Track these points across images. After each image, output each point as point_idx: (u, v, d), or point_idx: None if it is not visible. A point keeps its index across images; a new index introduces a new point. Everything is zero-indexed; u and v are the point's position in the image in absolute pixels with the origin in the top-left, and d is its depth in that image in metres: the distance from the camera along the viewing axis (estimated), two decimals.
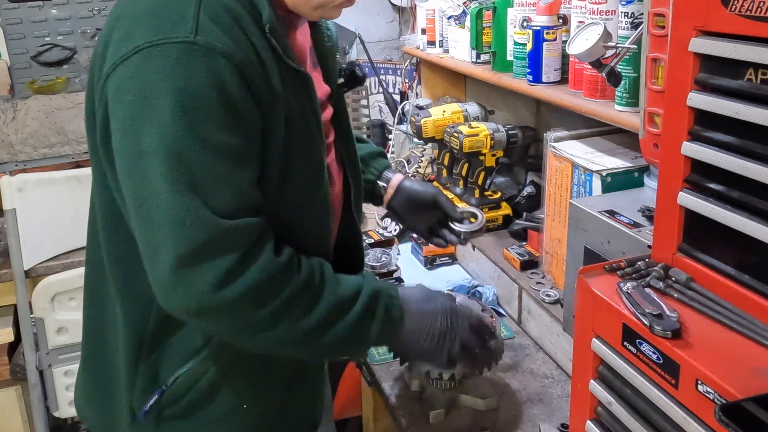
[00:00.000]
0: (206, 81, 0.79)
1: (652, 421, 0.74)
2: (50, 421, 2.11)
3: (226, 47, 0.81)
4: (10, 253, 1.94)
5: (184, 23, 0.80)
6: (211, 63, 0.79)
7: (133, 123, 0.80)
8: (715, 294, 0.75)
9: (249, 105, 0.83)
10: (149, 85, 0.79)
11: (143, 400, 0.95)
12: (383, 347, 1.07)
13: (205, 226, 0.79)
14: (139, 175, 0.80)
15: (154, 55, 0.79)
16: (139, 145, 0.80)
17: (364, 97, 2.63)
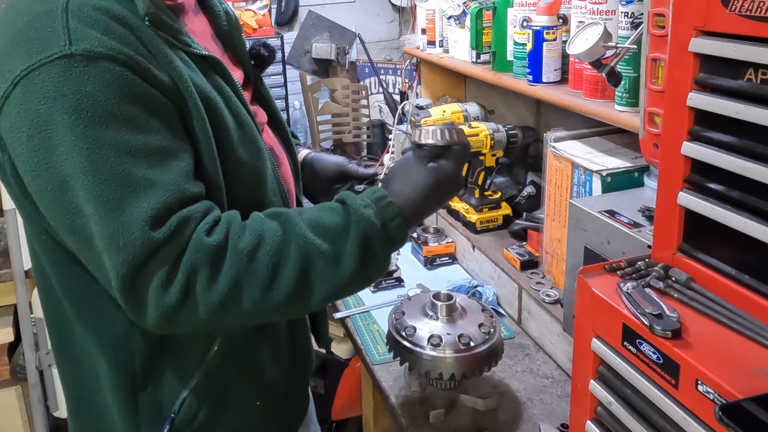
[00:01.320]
0: (98, 88, 0.74)
1: (652, 421, 0.74)
2: (50, 421, 2.11)
3: (107, 48, 0.75)
4: (10, 253, 1.94)
5: (54, 38, 0.74)
6: (97, 69, 0.74)
7: (40, 158, 0.75)
8: (715, 294, 0.75)
9: (154, 98, 0.79)
10: (41, 114, 0.74)
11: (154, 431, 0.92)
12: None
13: (139, 243, 0.75)
14: (66, 207, 0.76)
15: (35, 81, 0.74)
16: (53, 177, 0.75)
17: (364, 97, 2.63)
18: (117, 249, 0.75)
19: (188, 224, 0.78)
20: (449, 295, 1.25)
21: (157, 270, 0.77)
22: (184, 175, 0.80)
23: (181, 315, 0.78)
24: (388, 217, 0.87)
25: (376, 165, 2.47)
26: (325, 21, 2.65)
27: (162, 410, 0.92)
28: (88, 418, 0.99)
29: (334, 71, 2.71)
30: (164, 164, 0.78)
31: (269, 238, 0.81)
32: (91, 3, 0.77)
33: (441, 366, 1.18)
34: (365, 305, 1.65)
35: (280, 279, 0.81)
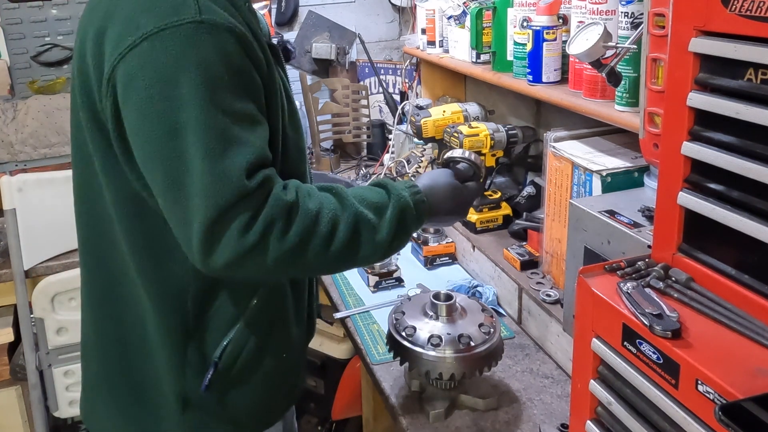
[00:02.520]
0: (217, 55, 0.86)
1: (652, 421, 0.74)
2: (50, 421, 2.11)
3: (228, 22, 0.87)
4: (10, 253, 1.94)
5: (186, 6, 0.85)
6: (217, 38, 0.86)
7: (155, 105, 0.84)
8: (715, 294, 0.75)
9: (252, 73, 0.91)
10: (165, 67, 0.84)
11: (198, 379, 1.02)
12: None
13: (235, 187, 0.85)
14: (171, 153, 0.85)
15: (165, 38, 0.84)
16: (165, 124, 0.85)
17: (364, 97, 2.63)
18: (214, 192, 0.84)
19: (270, 181, 0.90)
20: (449, 295, 1.25)
21: (240, 215, 0.86)
22: (265, 141, 0.92)
23: (250, 259, 0.87)
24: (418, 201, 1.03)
25: (376, 165, 2.47)
26: (325, 21, 2.65)
27: (206, 357, 1.02)
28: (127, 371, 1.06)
29: (334, 71, 2.71)
30: (253, 129, 0.90)
31: (328, 204, 0.94)
32: None
33: (441, 366, 1.18)
34: (365, 305, 1.65)
35: (336, 238, 0.93)
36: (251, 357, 1.05)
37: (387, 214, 0.98)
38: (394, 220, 0.98)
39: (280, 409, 1.16)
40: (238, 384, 1.05)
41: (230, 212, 0.85)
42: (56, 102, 2.15)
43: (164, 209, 0.90)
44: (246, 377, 1.05)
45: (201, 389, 1.02)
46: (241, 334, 1.03)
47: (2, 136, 2.11)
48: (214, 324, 1.02)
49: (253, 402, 1.08)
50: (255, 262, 0.88)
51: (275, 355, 1.08)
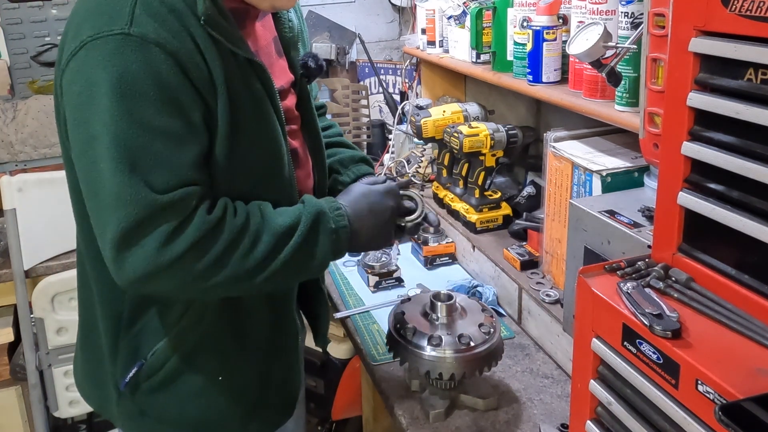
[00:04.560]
0: (141, 68, 0.86)
1: (652, 421, 0.74)
2: (50, 421, 2.11)
3: (159, 37, 0.87)
4: (10, 253, 1.94)
5: (120, 17, 0.86)
6: (145, 52, 0.86)
7: (81, 112, 0.87)
8: (715, 294, 0.75)
9: (186, 89, 0.89)
10: (91, 76, 0.86)
11: (124, 373, 1.06)
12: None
13: (143, 202, 0.86)
14: (88, 160, 0.88)
15: (95, 48, 0.86)
16: (86, 132, 0.87)
17: (364, 97, 2.63)
18: (123, 204, 0.86)
19: (191, 197, 0.90)
20: (449, 295, 1.25)
21: (156, 229, 0.87)
22: (191, 162, 0.91)
23: (166, 276, 0.89)
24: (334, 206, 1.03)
25: (376, 165, 2.48)
26: (325, 21, 2.65)
27: (137, 355, 1.05)
28: (90, 352, 1.14)
29: (334, 71, 2.71)
30: (177, 145, 0.89)
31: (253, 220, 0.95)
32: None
33: (441, 366, 1.18)
34: (365, 305, 1.65)
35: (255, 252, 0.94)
36: (180, 365, 1.05)
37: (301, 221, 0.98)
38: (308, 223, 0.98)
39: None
40: (162, 392, 1.06)
41: (143, 226, 0.87)
42: None
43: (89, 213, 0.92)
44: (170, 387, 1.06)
45: (121, 386, 1.06)
46: (170, 343, 1.04)
47: (2, 136, 2.11)
48: (149, 326, 1.04)
49: (182, 415, 1.08)
50: (170, 278, 0.90)
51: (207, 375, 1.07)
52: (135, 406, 1.08)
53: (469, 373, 1.19)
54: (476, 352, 1.18)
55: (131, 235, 0.87)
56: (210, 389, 1.08)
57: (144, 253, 0.87)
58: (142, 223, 0.86)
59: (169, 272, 0.89)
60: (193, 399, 1.07)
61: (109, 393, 1.09)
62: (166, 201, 0.87)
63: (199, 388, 1.07)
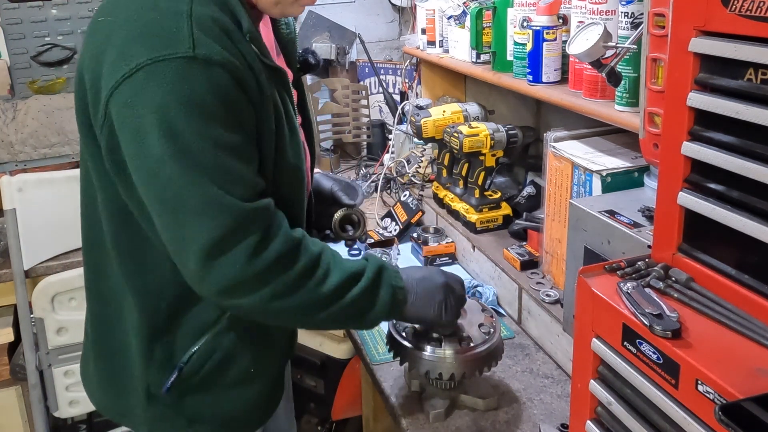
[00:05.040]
0: (208, 89, 0.88)
1: (652, 421, 0.74)
2: (50, 421, 2.11)
3: (221, 57, 0.89)
4: (10, 253, 1.94)
5: (180, 40, 0.87)
6: (210, 73, 0.88)
7: (148, 134, 0.87)
8: (715, 294, 0.75)
9: (244, 105, 0.93)
10: (158, 99, 0.86)
11: (162, 379, 1.05)
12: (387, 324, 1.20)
13: (230, 211, 0.89)
14: (162, 180, 0.89)
15: (157, 71, 0.86)
16: (156, 153, 0.87)
17: (364, 97, 2.63)
18: (211, 215, 0.89)
19: (269, 207, 0.95)
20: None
21: (245, 239, 0.91)
22: (255, 172, 0.95)
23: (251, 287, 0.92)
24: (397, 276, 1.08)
25: (376, 165, 2.48)
26: (325, 21, 2.65)
27: (173, 360, 1.06)
28: (109, 360, 1.12)
29: (334, 71, 2.71)
30: (244, 160, 0.93)
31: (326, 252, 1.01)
32: (209, 14, 0.91)
33: (441, 366, 1.18)
34: None
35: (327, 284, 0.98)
36: (218, 365, 1.07)
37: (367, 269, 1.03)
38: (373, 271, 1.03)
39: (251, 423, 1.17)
40: (200, 391, 1.08)
41: (233, 235, 0.90)
42: (56, 102, 2.15)
43: (160, 231, 0.93)
44: (209, 386, 1.08)
45: (163, 391, 1.06)
46: (208, 345, 1.06)
47: (2, 136, 2.11)
48: (184, 330, 1.05)
49: (215, 411, 1.10)
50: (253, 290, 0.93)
51: (242, 369, 1.10)
52: (168, 409, 1.08)
53: (469, 373, 1.19)
54: (476, 352, 1.18)
55: (221, 245, 0.89)
56: (243, 382, 1.11)
57: (234, 262, 0.90)
58: (232, 232, 0.89)
59: (254, 283, 0.92)
60: (227, 393, 1.10)
61: (134, 399, 1.09)
62: (251, 209, 0.91)
63: (234, 382, 1.10)
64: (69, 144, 2.17)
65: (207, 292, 0.93)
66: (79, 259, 1.99)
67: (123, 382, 1.10)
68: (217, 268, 0.90)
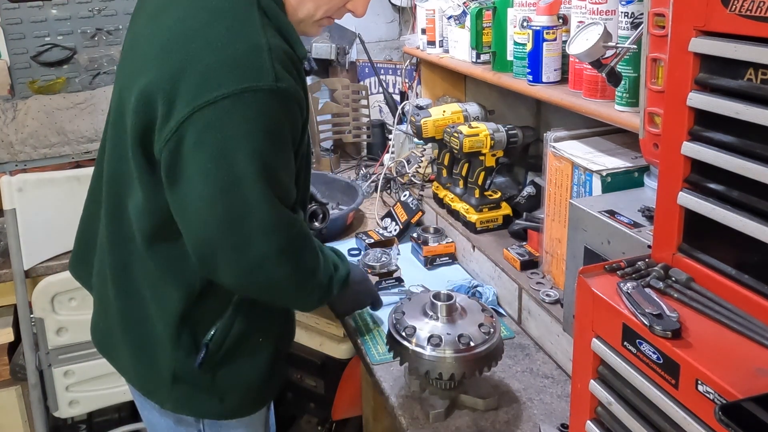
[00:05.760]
0: (286, 119, 1.02)
1: (652, 421, 0.74)
2: (50, 421, 2.11)
3: (295, 91, 1.02)
4: (10, 253, 1.94)
5: (266, 73, 0.97)
6: (287, 105, 1.01)
7: (228, 153, 0.98)
8: (715, 294, 0.75)
9: (300, 131, 1.08)
10: (244, 124, 0.97)
11: (190, 359, 1.15)
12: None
13: (290, 224, 1.07)
14: (234, 195, 1.00)
15: (244, 100, 0.96)
16: (233, 172, 0.99)
17: (364, 97, 2.63)
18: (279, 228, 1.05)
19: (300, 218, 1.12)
20: (449, 295, 1.25)
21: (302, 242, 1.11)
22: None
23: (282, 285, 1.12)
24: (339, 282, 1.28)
25: (376, 165, 2.48)
26: None
27: (197, 340, 1.16)
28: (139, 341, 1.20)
29: (334, 71, 2.71)
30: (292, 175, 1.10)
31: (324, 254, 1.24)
32: (281, 47, 1.02)
33: (441, 366, 1.18)
34: None
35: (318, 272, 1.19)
36: (236, 341, 1.18)
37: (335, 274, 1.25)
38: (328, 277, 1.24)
39: (265, 396, 1.29)
40: (225, 363, 1.18)
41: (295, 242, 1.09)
42: (56, 102, 2.15)
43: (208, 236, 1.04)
44: (231, 358, 1.19)
45: (195, 365, 1.15)
46: (226, 322, 1.17)
47: (2, 136, 2.11)
48: (205, 312, 1.15)
49: (238, 382, 1.21)
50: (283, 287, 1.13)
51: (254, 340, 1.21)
52: (192, 387, 1.18)
53: (469, 373, 1.19)
54: (476, 352, 1.18)
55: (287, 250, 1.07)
56: (255, 353, 1.21)
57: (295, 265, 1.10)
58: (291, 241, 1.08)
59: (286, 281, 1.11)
60: (245, 365, 1.20)
61: (161, 378, 1.18)
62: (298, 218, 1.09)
63: (248, 353, 1.21)
64: (69, 144, 2.17)
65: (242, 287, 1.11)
66: None
67: (150, 362, 1.19)
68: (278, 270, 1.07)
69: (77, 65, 2.23)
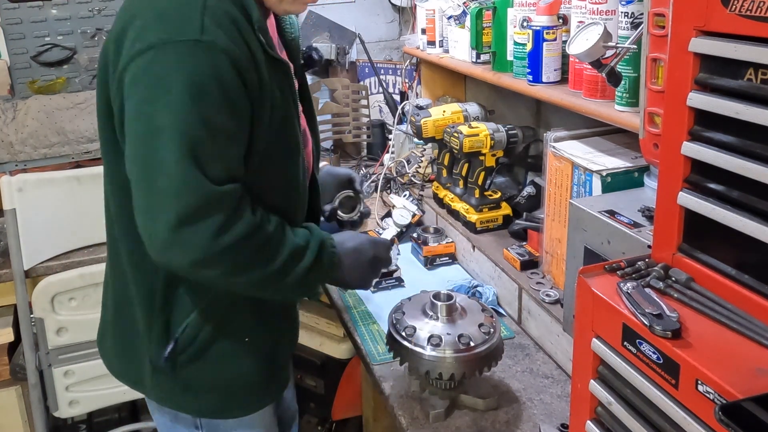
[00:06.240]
0: (209, 72, 0.95)
1: (652, 421, 0.74)
2: (50, 421, 2.11)
3: (225, 45, 0.96)
4: (10, 253, 1.94)
5: (192, 25, 0.95)
6: (213, 57, 0.95)
7: (148, 106, 0.95)
8: (715, 294, 0.75)
9: (241, 93, 0.99)
10: (163, 75, 0.95)
11: (161, 350, 1.13)
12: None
13: (202, 191, 0.95)
14: (150, 149, 0.95)
15: (167, 51, 0.95)
16: (152, 123, 0.95)
17: (364, 97, 2.63)
18: (184, 191, 0.95)
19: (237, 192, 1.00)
20: (449, 295, 1.25)
21: (210, 218, 0.96)
22: (237, 158, 1.02)
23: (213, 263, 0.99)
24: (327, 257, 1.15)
25: (376, 165, 2.48)
26: (325, 21, 2.65)
27: (169, 331, 1.13)
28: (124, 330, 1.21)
29: (334, 71, 2.71)
30: (230, 145, 1.00)
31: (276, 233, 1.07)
32: (222, 7, 0.98)
33: (441, 366, 1.18)
34: (366, 305, 1.65)
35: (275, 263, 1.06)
36: (211, 335, 1.14)
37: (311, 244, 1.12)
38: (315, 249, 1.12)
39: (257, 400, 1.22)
40: (197, 361, 1.15)
41: (200, 214, 0.96)
42: (56, 102, 2.15)
43: (134, 197, 0.99)
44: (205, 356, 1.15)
45: (162, 361, 1.13)
46: (200, 317, 1.13)
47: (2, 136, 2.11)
48: (179, 304, 1.13)
49: (215, 381, 1.17)
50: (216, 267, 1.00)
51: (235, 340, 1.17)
52: (169, 380, 1.16)
53: (469, 373, 1.19)
54: (476, 352, 1.18)
55: (187, 220, 0.95)
56: (239, 353, 1.17)
57: (199, 238, 0.96)
58: (199, 210, 0.95)
59: (217, 261, 0.99)
60: (225, 364, 1.16)
61: (143, 368, 1.17)
62: (220, 192, 0.97)
63: (229, 353, 1.16)
64: (69, 144, 2.17)
65: (173, 261, 0.98)
66: (80, 259, 2.00)
67: (133, 351, 1.19)
68: (184, 243, 0.96)
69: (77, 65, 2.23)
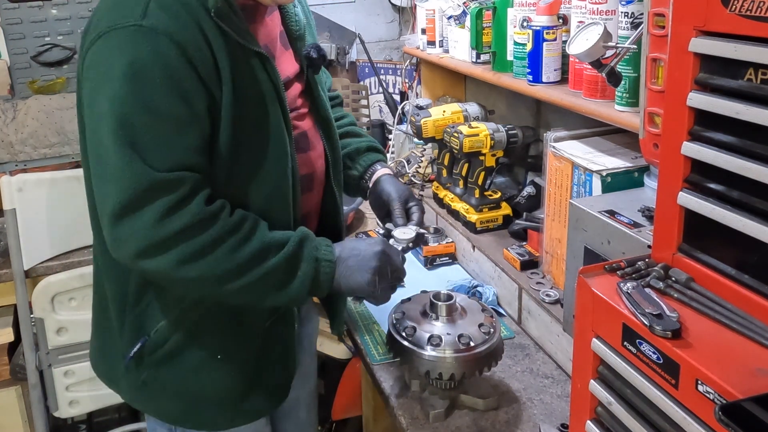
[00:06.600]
0: (150, 56, 0.94)
1: (652, 421, 0.74)
2: (50, 421, 2.11)
3: (168, 28, 0.94)
4: (10, 253, 1.94)
5: (134, 11, 0.95)
6: (154, 41, 0.94)
7: (94, 94, 0.97)
8: (715, 294, 0.75)
9: (191, 78, 0.96)
10: (105, 62, 0.95)
11: (129, 347, 1.13)
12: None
13: (141, 177, 0.93)
14: (97, 138, 0.96)
15: (111, 37, 0.95)
16: (96, 112, 0.96)
17: (364, 97, 2.63)
18: (122, 178, 0.93)
19: (187, 180, 0.97)
20: (449, 295, 1.25)
21: (151, 204, 0.94)
22: (190, 148, 0.98)
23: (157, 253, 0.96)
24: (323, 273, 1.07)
25: None
26: (325, 21, 2.65)
27: (141, 331, 1.12)
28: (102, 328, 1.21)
29: (334, 71, 2.71)
30: (177, 131, 0.97)
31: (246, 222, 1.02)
32: None
33: (441, 366, 1.18)
34: (365, 305, 1.65)
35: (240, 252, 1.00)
36: (181, 343, 1.12)
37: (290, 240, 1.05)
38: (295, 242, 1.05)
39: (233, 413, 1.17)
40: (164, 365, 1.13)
41: (139, 200, 0.94)
42: (56, 102, 2.15)
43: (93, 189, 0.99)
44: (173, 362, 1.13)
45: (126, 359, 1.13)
46: (172, 322, 1.11)
47: (2, 136, 2.11)
48: (152, 306, 1.11)
49: (183, 388, 1.14)
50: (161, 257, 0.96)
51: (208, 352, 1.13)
52: (139, 379, 1.15)
53: (469, 373, 1.19)
54: (476, 352, 1.18)
55: (128, 208, 0.94)
56: (209, 366, 1.14)
57: (139, 226, 0.94)
58: (138, 197, 0.94)
59: (160, 250, 0.96)
60: (193, 374, 1.14)
61: (117, 366, 1.16)
62: (161, 178, 0.94)
63: (199, 363, 1.14)
64: (69, 144, 2.16)
65: (117, 253, 0.98)
66: (80, 259, 2.00)
67: (109, 349, 1.19)
68: (125, 231, 0.95)
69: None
